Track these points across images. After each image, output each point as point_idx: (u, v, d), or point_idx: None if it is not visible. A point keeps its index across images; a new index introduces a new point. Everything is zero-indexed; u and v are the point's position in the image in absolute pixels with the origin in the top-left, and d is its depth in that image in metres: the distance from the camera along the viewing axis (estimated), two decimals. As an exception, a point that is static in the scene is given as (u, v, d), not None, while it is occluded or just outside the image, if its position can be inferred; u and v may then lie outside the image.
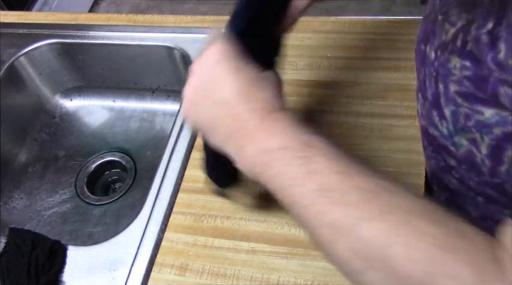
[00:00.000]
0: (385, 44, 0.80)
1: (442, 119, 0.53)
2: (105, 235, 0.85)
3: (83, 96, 1.05)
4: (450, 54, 0.48)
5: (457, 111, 0.50)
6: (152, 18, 0.96)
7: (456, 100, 0.49)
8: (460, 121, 0.50)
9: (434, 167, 0.59)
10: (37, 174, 0.97)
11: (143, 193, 0.74)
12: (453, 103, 0.50)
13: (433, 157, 0.58)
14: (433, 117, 0.55)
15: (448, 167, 0.56)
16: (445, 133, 0.53)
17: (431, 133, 0.56)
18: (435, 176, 0.59)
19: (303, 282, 0.60)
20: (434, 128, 0.55)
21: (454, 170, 0.55)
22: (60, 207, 0.92)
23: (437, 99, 0.53)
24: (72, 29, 0.96)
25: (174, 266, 0.65)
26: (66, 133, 1.02)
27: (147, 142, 0.98)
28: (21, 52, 0.95)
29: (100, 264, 0.66)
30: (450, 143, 0.53)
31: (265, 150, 0.42)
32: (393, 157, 0.68)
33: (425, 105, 0.56)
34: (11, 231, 0.70)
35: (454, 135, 0.52)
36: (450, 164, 0.55)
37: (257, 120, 0.44)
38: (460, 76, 0.48)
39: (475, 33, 0.43)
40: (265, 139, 0.43)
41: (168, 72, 0.95)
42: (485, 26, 0.42)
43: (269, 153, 0.42)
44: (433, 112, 0.54)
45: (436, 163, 0.58)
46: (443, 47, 0.49)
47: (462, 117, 0.49)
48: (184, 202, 0.70)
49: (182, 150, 0.75)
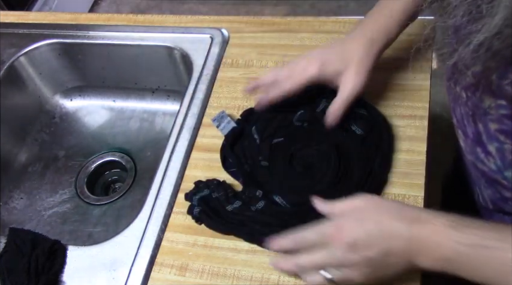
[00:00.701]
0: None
1: (488, 156, 0.53)
2: (105, 235, 0.85)
3: (83, 96, 1.05)
4: (482, 94, 0.49)
5: (502, 147, 0.50)
6: (152, 18, 0.96)
7: (499, 138, 0.50)
8: (507, 157, 0.50)
9: (492, 197, 0.60)
10: (37, 174, 0.97)
11: (143, 193, 0.74)
12: (496, 140, 0.50)
13: (488, 187, 0.59)
14: (478, 153, 0.55)
15: (504, 198, 0.57)
16: (493, 168, 0.54)
17: (480, 168, 0.57)
18: (496, 204, 0.60)
19: (303, 282, 0.60)
20: (482, 163, 0.55)
21: (510, 201, 0.56)
22: (60, 207, 0.92)
23: (479, 137, 0.53)
24: (72, 29, 0.96)
25: (174, 266, 0.65)
26: (66, 133, 1.02)
27: (147, 142, 0.98)
28: (21, 52, 0.95)
29: (100, 264, 0.66)
30: (501, 177, 0.53)
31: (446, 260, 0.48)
32: (393, 157, 0.68)
33: (468, 142, 0.57)
34: (11, 231, 0.70)
35: (504, 170, 0.52)
36: (505, 196, 0.56)
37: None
38: (498, 115, 0.48)
39: (498, 82, 0.45)
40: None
41: (168, 72, 0.95)
42: (506, 77, 0.43)
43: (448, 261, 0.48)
44: (477, 149, 0.55)
45: (492, 193, 0.59)
46: (471, 87, 0.50)
47: (508, 153, 0.50)
48: (184, 202, 0.70)
49: (182, 150, 0.75)
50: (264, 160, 0.70)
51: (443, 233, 0.48)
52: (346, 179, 0.65)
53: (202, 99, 0.81)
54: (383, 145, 0.68)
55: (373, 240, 0.50)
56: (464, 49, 0.42)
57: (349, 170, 0.66)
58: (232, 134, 0.73)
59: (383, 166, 0.66)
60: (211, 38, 0.89)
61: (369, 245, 0.50)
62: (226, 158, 0.72)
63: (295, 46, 0.85)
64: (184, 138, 0.76)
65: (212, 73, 0.84)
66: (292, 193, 0.66)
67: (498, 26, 0.38)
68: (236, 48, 0.87)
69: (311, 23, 0.88)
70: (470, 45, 0.41)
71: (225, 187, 0.68)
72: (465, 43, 0.42)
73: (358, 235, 0.50)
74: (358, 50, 0.65)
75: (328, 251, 0.52)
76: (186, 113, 0.79)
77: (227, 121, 0.74)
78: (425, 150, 0.68)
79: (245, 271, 0.63)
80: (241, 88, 0.81)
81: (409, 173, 0.67)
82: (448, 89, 0.59)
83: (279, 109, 0.73)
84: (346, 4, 2.07)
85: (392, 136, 0.70)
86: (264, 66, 0.83)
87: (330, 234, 0.52)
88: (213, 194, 0.67)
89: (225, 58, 0.86)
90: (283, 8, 2.16)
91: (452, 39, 0.47)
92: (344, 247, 0.51)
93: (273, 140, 0.72)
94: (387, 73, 0.77)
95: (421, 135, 0.70)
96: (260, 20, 0.91)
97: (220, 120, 0.75)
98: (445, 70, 0.59)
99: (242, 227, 0.65)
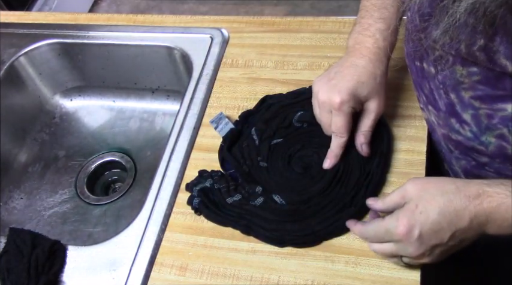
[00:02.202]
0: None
1: (463, 124, 0.55)
2: (105, 235, 0.85)
3: (83, 96, 1.05)
4: (453, 65, 0.50)
5: (477, 113, 0.52)
6: (152, 18, 0.96)
7: (473, 105, 0.51)
8: (483, 121, 0.52)
9: (466, 166, 0.61)
10: (37, 174, 0.97)
11: (143, 193, 0.74)
12: (471, 107, 0.52)
13: (462, 158, 0.61)
14: (452, 124, 0.57)
15: (480, 164, 0.58)
16: (469, 136, 0.55)
17: (454, 138, 0.58)
18: (470, 173, 0.62)
19: (303, 282, 0.60)
20: (457, 134, 0.57)
21: (487, 166, 0.57)
22: (60, 207, 0.92)
23: (452, 107, 0.55)
24: (72, 29, 0.96)
25: (174, 266, 0.65)
26: (66, 133, 1.02)
27: (147, 142, 0.98)
28: (21, 52, 0.95)
29: (100, 264, 0.66)
30: (477, 144, 0.55)
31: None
32: (393, 157, 0.68)
33: (441, 115, 0.58)
34: (11, 231, 0.70)
35: (480, 135, 0.54)
36: (481, 162, 0.57)
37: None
38: (471, 82, 0.50)
39: (468, 50, 0.46)
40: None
41: (168, 72, 0.95)
42: (476, 43, 0.45)
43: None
44: (451, 120, 0.56)
45: (466, 163, 0.61)
46: (440, 60, 0.51)
47: (484, 118, 0.51)
48: (184, 202, 0.70)
49: (182, 150, 0.75)
50: (262, 161, 0.70)
51: (506, 205, 0.49)
52: (345, 180, 0.65)
53: (202, 99, 0.81)
54: (382, 145, 0.68)
55: (440, 229, 0.51)
56: (448, 20, 0.44)
57: (348, 170, 0.66)
58: (231, 135, 0.73)
59: (381, 166, 0.66)
60: (211, 38, 0.89)
61: (437, 234, 0.51)
62: (224, 160, 0.73)
63: (295, 46, 0.85)
64: (184, 138, 0.76)
65: (212, 73, 0.84)
66: (291, 192, 0.66)
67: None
68: (236, 48, 0.87)
69: (311, 23, 0.88)
70: (456, 14, 0.42)
71: (228, 179, 0.68)
72: (448, 14, 0.43)
73: (424, 229, 0.51)
74: (373, 77, 0.64)
75: (400, 246, 0.54)
76: (186, 113, 0.79)
77: (225, 122, 0.74)
78: (425, 150, 0.68)
79: (245, 271, 0.63)
80: (241, 88, 0.81)
81: (409, 173, 0.67)
82: (412, 68, 0.60)
83: (279, 110, 0.74)
84: (346, 4, 2.07)
85: (392, 136, 0.70)
86: (264, 66, 0.83)
87: (397, 234, 0.53)
88: (215, 185, 0.68)
89: (225, 58, 0.86)
90: (283, 8, 2.16)
91: (426, 16, 0.49)
92: (414, 244, 0.52)
93: (272, 141, 0.72)
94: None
95: (421, 135, 0.70)
96: (260, 20, 0.91)
97: (218, 122, 0.75)
98: (406, 51, 0.60)
99: (240, 219, 0.65)
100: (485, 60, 0.46)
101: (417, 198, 0.53)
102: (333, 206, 0.64)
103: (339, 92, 0.62)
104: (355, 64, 0.64)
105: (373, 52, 0.64)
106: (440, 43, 0.48)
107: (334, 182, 0.65)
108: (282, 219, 0.64)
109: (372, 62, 0.64)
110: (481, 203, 0.50)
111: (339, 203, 0.64)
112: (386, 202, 0.57)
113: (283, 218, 0.64)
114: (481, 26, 0.43)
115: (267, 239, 0.64)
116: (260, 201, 0.65)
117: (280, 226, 0.63)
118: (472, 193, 0.50)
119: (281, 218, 0.64)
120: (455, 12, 0.43)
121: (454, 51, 0.48)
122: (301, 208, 0.64)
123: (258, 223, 0.64)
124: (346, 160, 0.67)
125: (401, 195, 0.54)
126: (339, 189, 0.65)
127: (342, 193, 0.64)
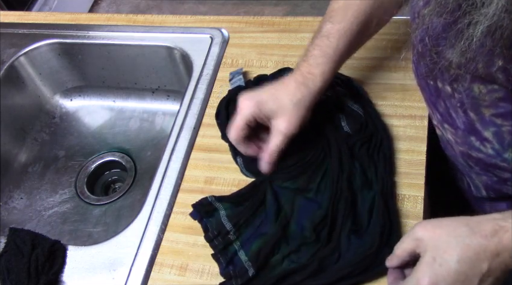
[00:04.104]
0: (384, 43, 0.80)
1: (484, 141, 0.54)
2: (105, 235, 0.85)
3: (83, 96, 1.05)
4: (471, 83, 0.49)
5: (500, 130, 0.51)
6: (152, 18, 0.96)
7: (495, 122, 0.51)
8: (506, 138, 0.51)
9: (487, 182, 0.61)
10: (37, 174, 0.97)
11: (143, 193, 0.74)
12: (493, 125, 0.51)
13: (483, 174, 0.60)
14: (472, 142, 0.56)
15: (502, 180, 0.57)
16: (491, 153, 0.54)
17: (474, 156, 0.57)
18: (491, 188, 0.61)
19: (303, 282, 0.60)
20: (477, 151, 0.56)
21: (509, 181, 0.56)
22: (60, 207, 0.92)
23: (472, 125, 0.54)
24: (72, 29, 0.96)
25: (174, 266, 0.65)
26: (66, 133, 1.02)
27: (147, 142, 0.98)
28: (21, 52, 0.95)
29: (100, 264, 0.66)
30: (500, 160, 0.54)
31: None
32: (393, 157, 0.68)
33: (459, 133, 0.57)
34: (11, 231, 0.70)
35: (503, 152, 0.53)
36: (503, 177, 0.57)
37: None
38: (492, 99, 0.49)
39: (486, 71, 0.46)
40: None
41: (168, 72, 0.95)
42: (494, 65, 0.45)
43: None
44: (471, 138, 0.55)
45: (487, 178, 0.60)
46: (457, 80, 0.51)
47: (507, 134, 0.50)
48: (184, 202, 0.70)
49: (182, 150, 0.75)
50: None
51: None
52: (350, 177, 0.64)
53: (202, 99, 0.81)
54: (383, 148, 0.67)
55: (465, 278, 0.48)
56: (465, 43, 0.43)
57: (352, 168, 0.65)
58: (236, 91, 0.76)
59: (387, 169, 0.65)
60: (211, 38, 0.89)
61: (458, 280, 0.48)
62: (220, 111, 0.76)
63: (295, 46, 0.85)
64: (184, 137, 0.76)
65: (212, 73, 0.84)
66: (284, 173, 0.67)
67: (497, 14, 0.39)
68: (236, 48, 0.87)
69: (311, 23, 0.88)
70: (473, 37, 0.42)
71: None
72: (464, 38, 0.43)
73: (449, 282, 0.49)
74: (289, 97, 0.64)
75: None
76: (186, 113, 0.79)
77: (239, 78, 0.78)
78: (425, 150, 0.68)
79: (245, 271, 0.63)
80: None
81: (409, 173, 0.67)
82: (425, 87, 0.59)
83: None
84: (346, 4, 2.07)
85: (391, 138, 0.69)
86: (264, 66, 0.83)
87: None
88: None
89: (225, 58, 0.86)
90: (283, 8, 2.16)
91: (440, 38, 0.48)
92: None
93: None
94: (387, 73, 0.77)
95: (421, 135, 0.70)
96: (260, 20, 0.91)
97: (234, 75, 0.80)
98: (416, 70, 0.60)
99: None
100: (505, 81, 0.45)
101: (432, 249, 0.49)
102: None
103: (250, 97, 0.65)
104: (282, 81, 0.66)
105: (303, 76, 0.65)
106: (456, 63, 0.47)
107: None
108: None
109: (297, 84, 0.65)
110: (500, 241, 0.47)
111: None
112: (399, 256, 0.54)
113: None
114: (498, 48, 0.42)
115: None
116: (252, 272, 0.60)
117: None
118: (488, 231, 0.48)
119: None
120: (471, 36, 0.42)
121: (472, 71, 0.47)
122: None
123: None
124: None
125: (414, 244, 0.51)
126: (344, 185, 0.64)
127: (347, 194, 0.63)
